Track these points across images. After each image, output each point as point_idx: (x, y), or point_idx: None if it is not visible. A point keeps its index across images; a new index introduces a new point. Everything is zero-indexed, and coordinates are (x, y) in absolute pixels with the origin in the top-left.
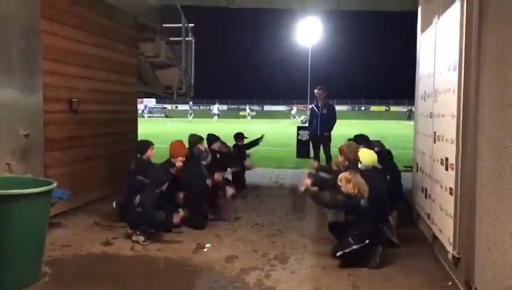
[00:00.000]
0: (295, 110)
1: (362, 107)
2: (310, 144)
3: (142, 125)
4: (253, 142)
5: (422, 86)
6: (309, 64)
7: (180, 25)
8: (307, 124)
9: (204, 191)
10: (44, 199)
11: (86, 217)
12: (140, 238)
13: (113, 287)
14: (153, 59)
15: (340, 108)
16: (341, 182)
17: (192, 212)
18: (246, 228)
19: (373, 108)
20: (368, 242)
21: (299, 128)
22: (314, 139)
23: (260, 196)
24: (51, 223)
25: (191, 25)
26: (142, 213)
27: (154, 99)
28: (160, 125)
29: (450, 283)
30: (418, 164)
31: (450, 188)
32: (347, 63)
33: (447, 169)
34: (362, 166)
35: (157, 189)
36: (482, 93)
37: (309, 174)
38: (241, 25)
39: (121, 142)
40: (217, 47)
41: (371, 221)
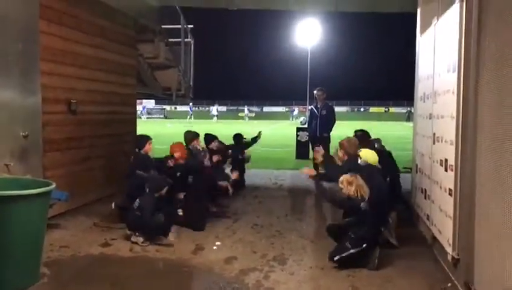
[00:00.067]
0: (297, 111)
1: (361, 108)
2: (309, 145)
3: (141, 126)
4: (251, 141)
5: (422, 87)
6: (308, 65)
7: (179, 26)
8: (306, 125)
9: (204, 190)
10: (42, 200)
11: (85, 218)
12: (139, 239)
13: (111, 288)
14: (152, 60)
15: (339, 109)
16: (342, 184)
17: (191, 214)
18: (245, 229)
19: (372, 109)
20: (365, 246)
21: (299, 129)
22: (313, 140)
23: (259, 197)
24: (50, 224)
25: (190, 26)
26: (141, 217)
27: (153, 101)
28: (160, 127)
29: (449, 284)
30: (417, 165)
31: (450, 189)
32: (346, 64)
33: (446, 170)
34: (362, 162)
35: (156, 193)
36: (482, 95)
37: (316, 182)
38: (240, 26)
39: (119, 143)
40: (216, 48)
41: (371, 224)
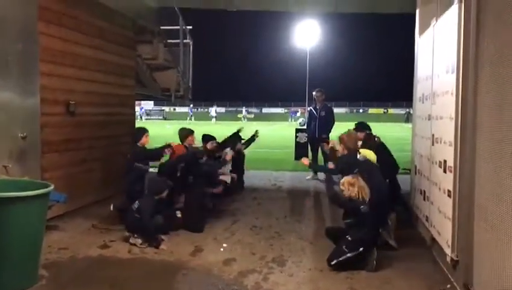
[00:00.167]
0: (299, 113)
1: (360, 110)
2: (308, 146)
3: None
4: (249, 140)
5: (421, 88)
6: (307, 66)
7: (178, 27)
8: (305, 127)
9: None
10: (41, 201)
11: (83, 220)
12: (138, 241)
13: None
14: (150, 61)
15: (338, 110)
16: (343, 186)
17: (190, 215)
18: (244, 230)
19: (371, 110)
20: (362, 250)
21: (297, 130)
22: (312, 142)
23: (258, 198)
24: (48, 226)
25: (189, 27)
26: (140, 219)
27: (152, 102)
28: (159, 128)
29: (448, 285)
30: (416, 166)
31: (449, 191)
32: (345, 65)
33: (445, 171)
34: (361, 157)
35: (156, 196)
36: (480, 95)
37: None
38: (239, 27)
39: (118, 144)
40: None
41: (371, 225)
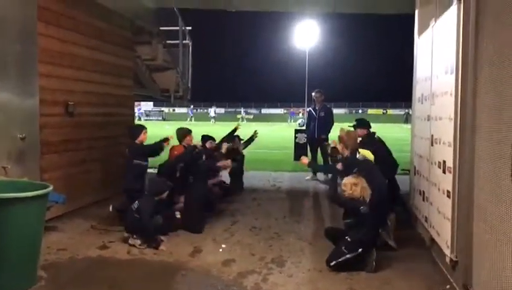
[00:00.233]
0: (301, 114)
1: (359, 110)
2: (308, 147)
3: None
4: (248, 141)
5: (420, 89)
6: (306, 67)
7: (177, 27)
8: (305, 127)
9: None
10: (40, 202)
11: (82, 221)
12: (137, 242)
13: None
14: (149, 62)
15: (337, 111)
16: (345, 186)
17: (190, 216)
18: (243, 231)
19: (370, 111)
20: (361, 251)
21: (297, 131)
22: (311, 142)
23: (257, 199)
24: (47, 226)
25: (188, 28)
26: (139, 219)
27: (152, 103)
28: (158, 128)
29: (448, 286)
30: (415, 167)
31: (448, 191)
32: (344, 66)
33: (444, 172)
34: (360, 157)
35: (156, 197)
36: (480, 96)
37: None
38: (239, 27)
39: (117, 145)
40: (214, 50)
41: (370, 225)
